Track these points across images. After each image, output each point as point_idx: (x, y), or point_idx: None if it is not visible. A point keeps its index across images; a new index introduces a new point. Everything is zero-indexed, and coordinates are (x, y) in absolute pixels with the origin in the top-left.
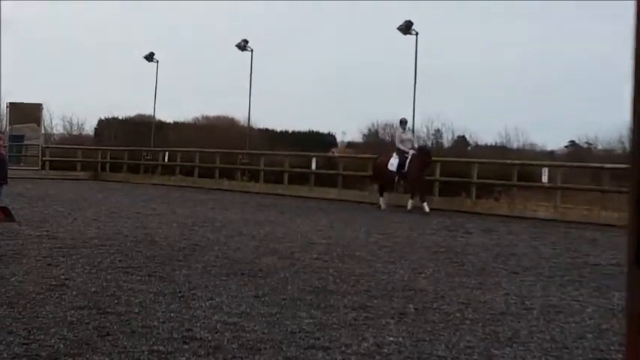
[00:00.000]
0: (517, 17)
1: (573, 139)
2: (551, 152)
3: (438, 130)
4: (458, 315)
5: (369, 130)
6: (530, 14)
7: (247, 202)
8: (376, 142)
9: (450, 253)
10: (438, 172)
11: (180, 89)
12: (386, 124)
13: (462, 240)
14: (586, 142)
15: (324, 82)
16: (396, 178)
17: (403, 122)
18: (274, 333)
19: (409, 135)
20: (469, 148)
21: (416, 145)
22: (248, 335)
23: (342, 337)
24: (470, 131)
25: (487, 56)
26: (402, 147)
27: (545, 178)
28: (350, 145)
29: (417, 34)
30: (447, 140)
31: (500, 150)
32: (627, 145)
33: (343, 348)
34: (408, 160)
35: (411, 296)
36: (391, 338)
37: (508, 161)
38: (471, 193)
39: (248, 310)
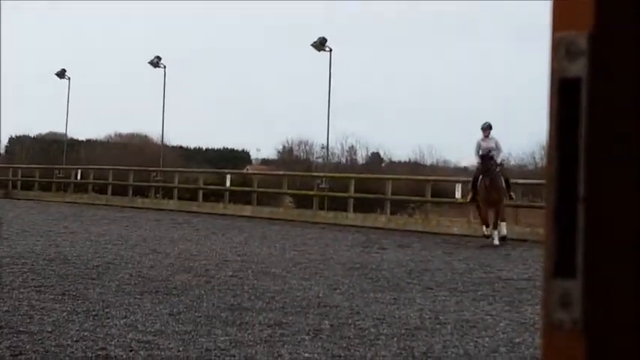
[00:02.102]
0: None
1: None
2: (465, 169)
3: (352, 147)
4: (373, 330)
5: (284, 146)
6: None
7: (161, 219)
8: (291, 159)
9: (364, 269)
10: (352, 188)
11: (93, 107)
12: (300, 141)
13: (376, 256)
14: None
15: (237, 99)
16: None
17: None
18: (189, 351)
19: (491, 144)
20: (383, 164)
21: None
22: (163, 353)
23: (258, 355)
24: (384, 148)
25: (401, 75)
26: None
27: (458, 194)
28: (264, 161)
29: (330, 50)
30: (361, 157)
31: (414, 166)
32: (540, 160)
33: None
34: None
35: (326, 312)
36: (307, 355)
37: (422, 177)
38: (385, 209)
39: (163, 328)
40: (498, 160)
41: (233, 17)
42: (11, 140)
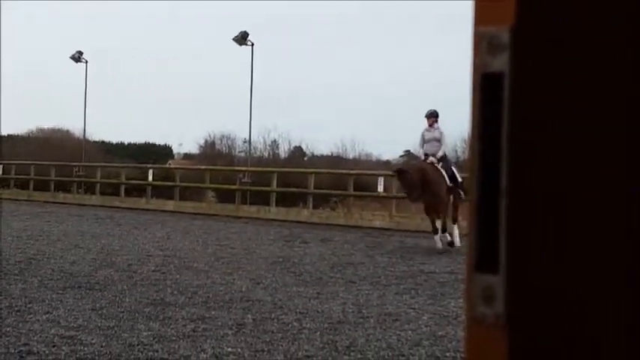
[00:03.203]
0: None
1: (409, 148)
2: (387, 162)
3: (274, 141)
4: (296, 324)
5: (206, 141)
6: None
7: (84, 215)
8: (213, 153)
9: (287, 263)
10: (275, 182)
11: (15, 101)
12: (222, 135)
13: (299, 250)
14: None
15: (159, 94)
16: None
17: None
18: (112, 346)
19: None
20: (305, 158)
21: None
22: (86, 349)
23: (181, 349)
24: (306, 141)
25: (324, 69)
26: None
27: (380, 188)
28: (187, 156)
29: (252, 44)
30: (283, 151)
31: (336, 160)
32: (463, 153)
33: None
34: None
35: (249, 307)
36: (230, 349)
37: (344, 171)
38: (307, 203)
39: (85, 323)
40: (439, 154)
41: (155, 10)
42: None
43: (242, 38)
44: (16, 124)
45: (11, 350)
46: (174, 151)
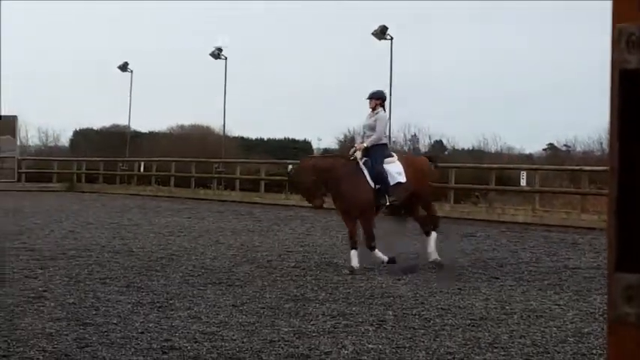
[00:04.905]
0: (493, 22)
1: (552, 141)
2: (530, 155)
3: (414, 136)
4: (437, 321)
5: (345, 136)
6: (506, 18)
7: (223, 211)
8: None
9: (427, 258)
10: None
11: (156, 99)
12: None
13: (439, 245)
14: (564, 145)
15: (298, 88)
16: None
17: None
18: (253, 342)
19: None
20: (446, 152)
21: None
22: (227, 345)
23: (322, 345)
24: (447, 136)
25: (463, 61)
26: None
27: (523, 182)
28: (326, 151)
29: (391, 38)
30: (423, 145)
31: (477, 154)
32: (606, 146)
33: (323, 356)
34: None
35: (390, 303)
36: (371, 345)
37: (485, 165)
38: (448, 198)
39: (226, 319)
40: (365, 144)
41: (292, 7)
42: (75, 133)
43: (381, 32)
44: (157, 122)
45: (154, 346)
46: (314, 146)
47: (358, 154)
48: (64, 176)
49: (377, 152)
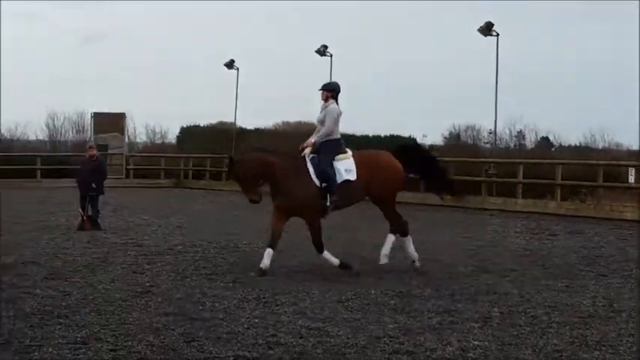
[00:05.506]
0: (595, 16)
1: None
2: (639, 152)
3: (520, 132)
4: (544, 318)
5: (450, 132)
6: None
7: None
8: (458, 145)
9: (535, 255)
10: (521, 173)
11: (261, 96)
12: (467, 127)
13: (547, 242)
14: None
15: (402, 85)
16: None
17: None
18: (358, 338)
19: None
20: (553, 149)
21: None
22: (332, 340)
23: (427, 342)
24: (553, 132)
25: (567, 56)
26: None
27: (631, 179)
28: (431, 148)
29: (497, 35)
30: (529, 141)
31: (585, 150)
32: None
33: (428, 353)
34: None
35: (496, 300)
36: (476, 342)
37: (593, 162)
38: (555, 194)
39: (332, 315)
40: (313, 139)
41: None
42: (182, 130)
43: (487, 29)
44: (263, 118)
45: (259, 341)
46: (419, 142)
47: (307, 151)
48: (171, 173)
49: (327, 148)
